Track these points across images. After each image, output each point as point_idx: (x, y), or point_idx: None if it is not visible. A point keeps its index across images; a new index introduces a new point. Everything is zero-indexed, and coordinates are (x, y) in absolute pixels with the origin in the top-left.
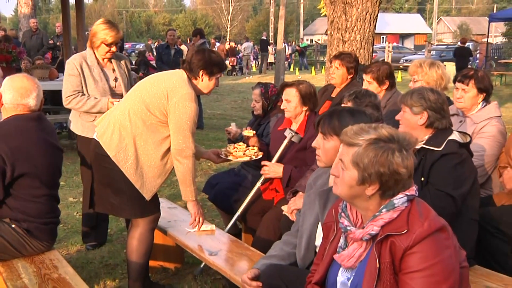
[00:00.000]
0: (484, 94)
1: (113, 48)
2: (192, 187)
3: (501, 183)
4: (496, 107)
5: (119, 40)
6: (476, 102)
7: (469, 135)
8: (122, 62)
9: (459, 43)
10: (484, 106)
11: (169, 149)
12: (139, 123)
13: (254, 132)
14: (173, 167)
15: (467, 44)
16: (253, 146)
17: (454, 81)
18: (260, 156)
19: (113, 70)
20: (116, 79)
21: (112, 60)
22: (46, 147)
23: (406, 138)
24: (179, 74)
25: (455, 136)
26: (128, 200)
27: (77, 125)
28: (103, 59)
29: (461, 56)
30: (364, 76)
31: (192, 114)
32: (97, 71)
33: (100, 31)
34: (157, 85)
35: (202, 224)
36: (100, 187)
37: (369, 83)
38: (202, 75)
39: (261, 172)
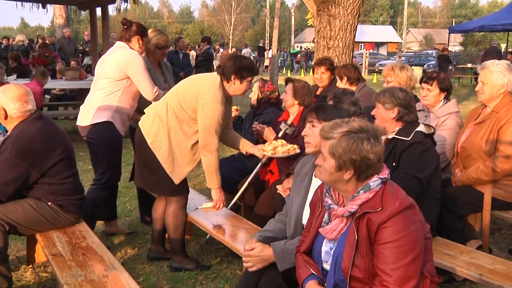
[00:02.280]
0: (445, 93)
1: (166, 50)
2: (215, 177)
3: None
4: (455, 104)
5: (169, 43)
6: (438, 100)
7: (433, 127)
8: (168, 66)
9: (440, 52)
10: (445, 103)
11: (197, 143)
12: (173, 117)
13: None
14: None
15: (431, 51)
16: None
17: (420, 82)
18: (296, 152)
19: (162, 73)
20: (165, 81)
21: (161, 65)
22: (62, 134)
23: (374, 128)
24: (212, 78)
25: (421, 128)
26: (162, 180)
27: None
28: (156, 63)
29: (441, 62)
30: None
31: (217, 114)
32: (153, 74)
33: (153, 38)
34: (192, 85)
35: (221, 209)
36: (140, 166)
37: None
38: (234, 79)
39: (253, 128)
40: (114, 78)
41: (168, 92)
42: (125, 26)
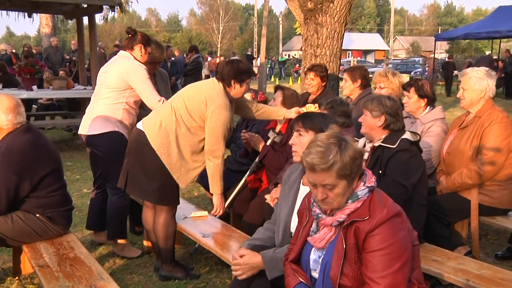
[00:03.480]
0: (426, 100)
1: (157, 66)
2: (219, 182)
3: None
4: (441, 110)
5: (162, 60)
6: (419, 106)
7: (418, 134)
8: (164, 75)
9: (446, 58)
10: (431, 110)
11: (203, 149)
12: (182, 125)
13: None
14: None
15: (417, 59)
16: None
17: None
18: None
19: (155, 83)
20: (158, 91)
21: (155, 75)
22: (51, 146)
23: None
24: (216, 85)
25: (407, 135)
26: (159, 189)
27: None
28: (151, 73)
29: (447, 68)
30: (344, 75)
31: (226, 121)
32: None
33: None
34: (198, 94)
35: (220, 213)
36: (135, 172)
37: (345, 81)
38: (234, 83)
39: (241, 137)
40: (117, 88)
41: (173, 100)
42: (129, 35)
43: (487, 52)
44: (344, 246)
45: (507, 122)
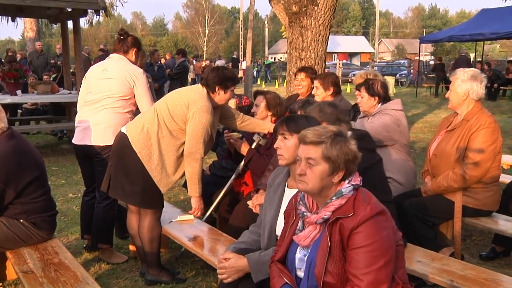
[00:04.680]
0: (377, 98)
1: None
2: (197, 185)
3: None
4: (394, 103)
5: (144, 65)
6: (371, 104)
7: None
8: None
9: (436, 61)
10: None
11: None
12: (164, 128)
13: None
14: None
15: (402, 61)
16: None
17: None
18: None
19: None
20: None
21: None
22: (35, 152)
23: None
24: (199, 89)
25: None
26: (141, 191)
27: None
28: None
29: (439, 69)
30: (314, 82)
31: (207, 124)
32: None
33: None
34: (181, 97)
35: (198, 215)
36: (117, 175)
37: (316, 88)
38: (218, 89)
39: (225, 136)
40: (124, 96)
41: (157, 103)
42: (121, 37)
43: (472, 55)
44: (329, 244)
45: (495, 127)
